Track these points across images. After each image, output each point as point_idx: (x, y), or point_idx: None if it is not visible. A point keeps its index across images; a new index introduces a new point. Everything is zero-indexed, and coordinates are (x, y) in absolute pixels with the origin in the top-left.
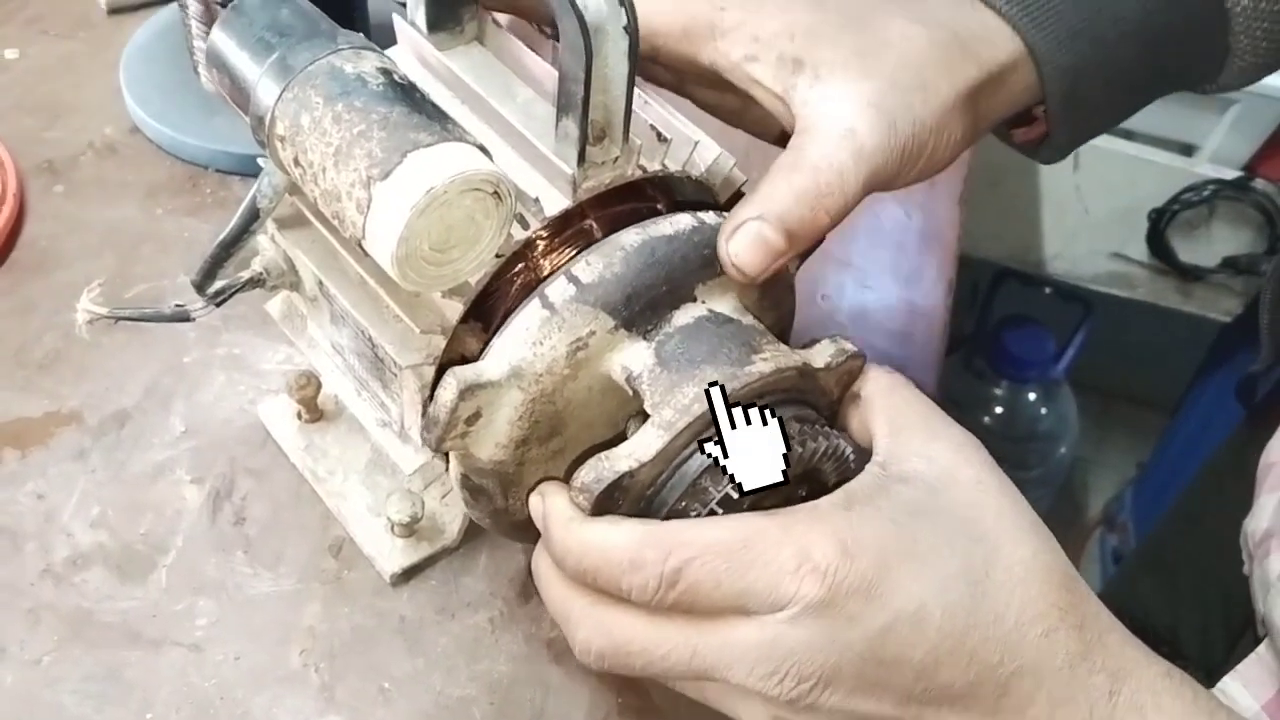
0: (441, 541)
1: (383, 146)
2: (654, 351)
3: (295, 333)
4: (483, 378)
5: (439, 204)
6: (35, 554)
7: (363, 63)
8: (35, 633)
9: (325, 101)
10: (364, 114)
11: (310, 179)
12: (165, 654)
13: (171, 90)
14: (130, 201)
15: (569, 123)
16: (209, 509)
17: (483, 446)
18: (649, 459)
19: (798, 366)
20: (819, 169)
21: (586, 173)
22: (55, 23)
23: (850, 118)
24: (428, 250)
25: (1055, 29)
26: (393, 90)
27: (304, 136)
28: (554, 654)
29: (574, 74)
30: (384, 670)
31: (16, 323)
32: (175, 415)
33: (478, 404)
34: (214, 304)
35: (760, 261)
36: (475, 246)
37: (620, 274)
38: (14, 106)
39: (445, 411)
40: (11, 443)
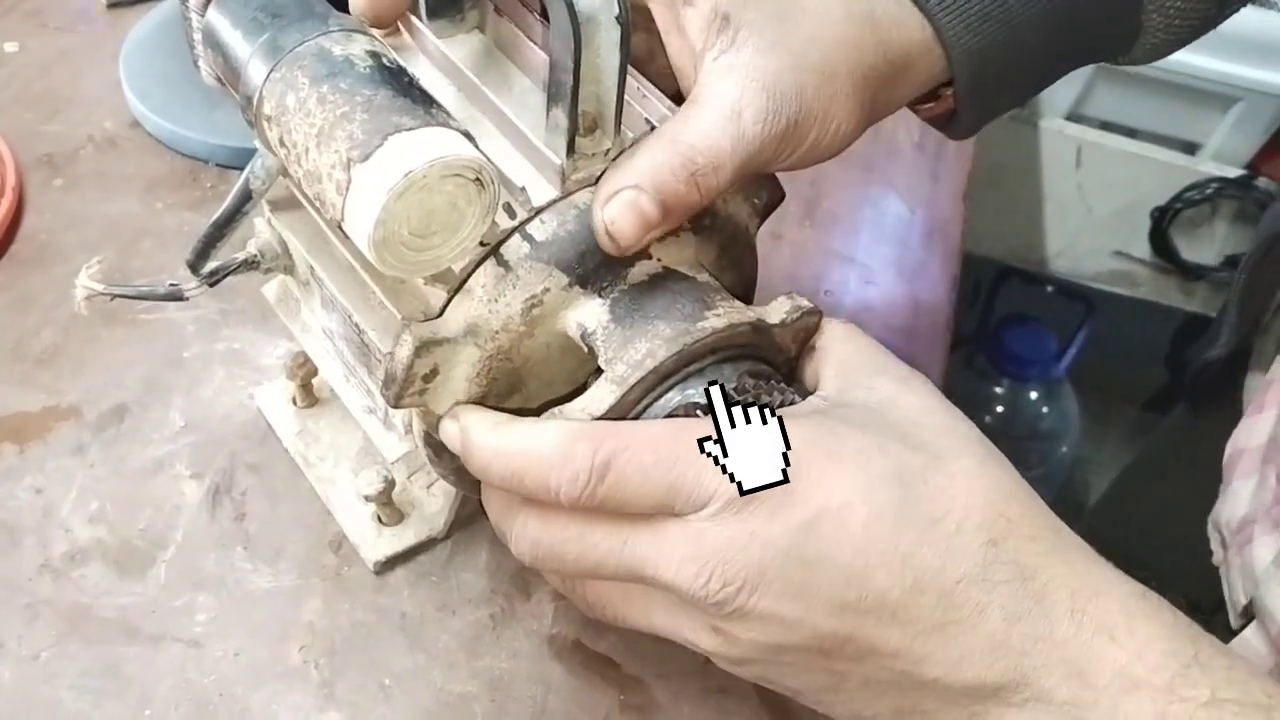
0: (427, 531)
1: (364, 129)
2: (608, 308)
3: (289, 316)
4: (439, 334)
5: (418, 188)
6: (33, 549)
7: (352, 45)
8: (33, 628)
9: (311, 82)
10: (348, 96)
11: (294, 160)
12: (164, 650)
13: (171, 84)
14: (130, 195)
15: (558, 112)
16: (208, 504)
17: (442, 404)
18: (601, 413)
19: (751, 322)
20: (697, 148)
21: (576, 164)
22: (55, 16)
23: (739, 100)
24: (407, 235)
25: (966, 12)
26: (380, 74)
27: (289, 117)
28: (555, 651)
29: (564, 63)
30: (384, 667)
31: (15, 317)
32: (174, 410)
33: (434, 361)
34: (208, 284)
35: (635, 232)
36: (457, 233)
37: (574, 231)
38: (14, 100)
39: (402, 368)
40: (10, 437)
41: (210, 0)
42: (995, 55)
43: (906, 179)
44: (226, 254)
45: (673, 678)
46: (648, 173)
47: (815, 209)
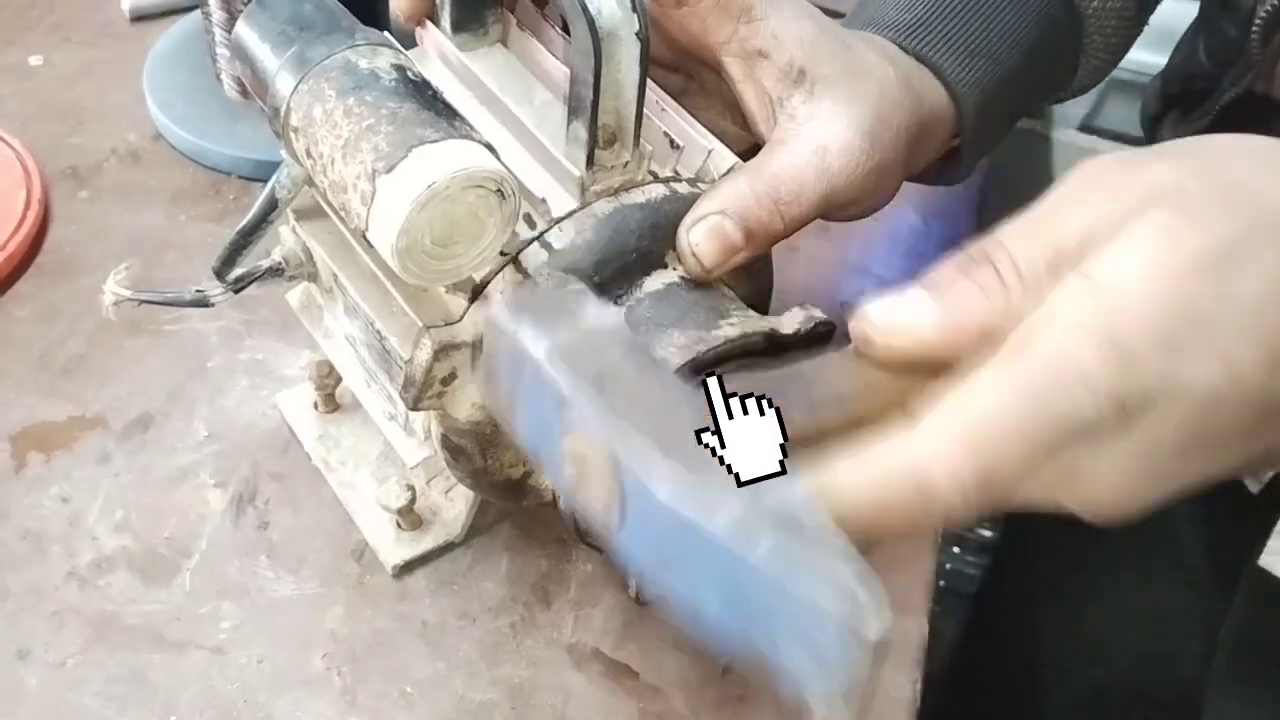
0: (445, 536)
1: (389, 141)
2: (624, 316)
3: (312, 323)
4: (457, 339)
5: (440, 199)
6: (60, 557)
7: (378, 59)
8: (60, 635)
9: (338, 95)
10: (374, 108)
11: (320, 170)
12: (189, 657)
13: (194, 97)
14: (154, 207)
15: (578, 125)
16: (232, 513)
17: (460, 407)
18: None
19: (765, 332)
20: (781, 178)
21: (595, 175)
22: (79, 30)
23: (825, 138)
24: (429, 244)
25: (956, 49)
26: (405, 86)
27: (316, 128)
28: (575, 659)
29: (584, 77)
30: (405, 674)
31: (41, 327)
32: (198, 419)
33: (453, 364)
34: (233, 290)
35: (718, 255)
36: (478, 243)
37: (591, 240)
38: (39, 113)
39: (421, 371)
40: (36, 446)
41: (237, 15)
42: (989, 89)
43: (921, 191)
44: (251, 263)
45: (692, 686)
46: (733, 200)
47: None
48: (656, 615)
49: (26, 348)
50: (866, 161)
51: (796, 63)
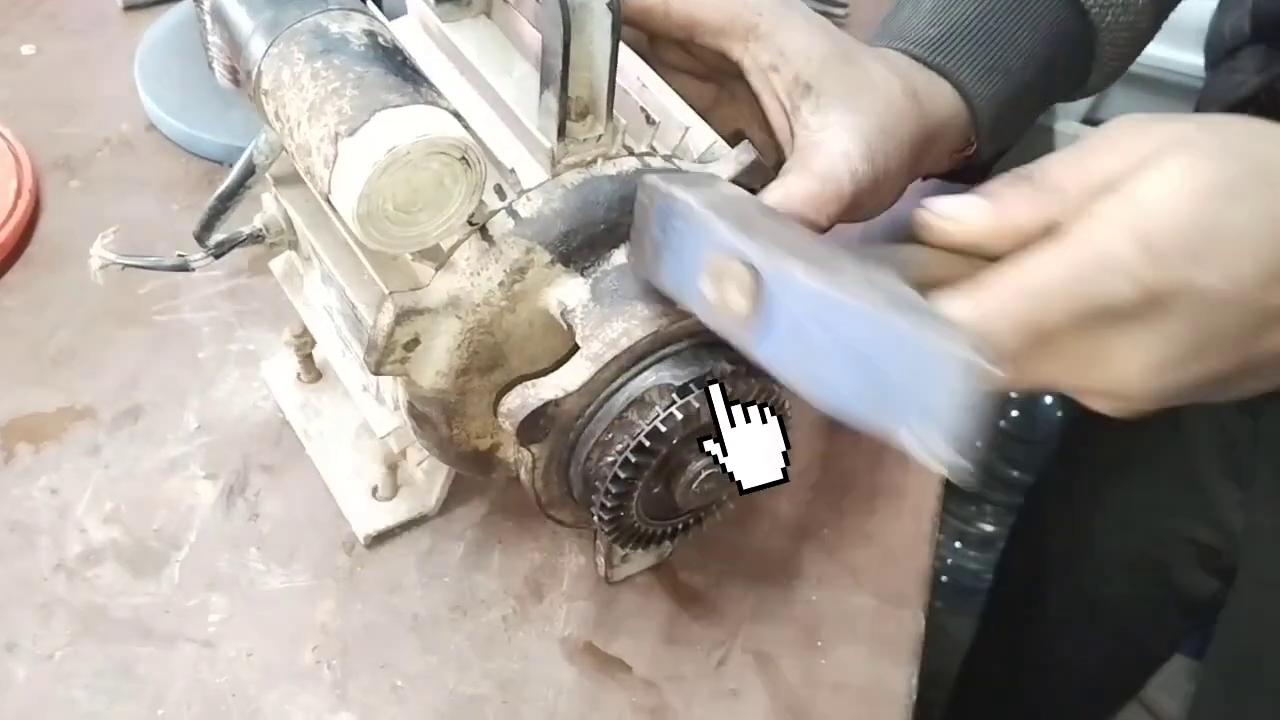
0: (419, 508)
1: (353, 104)
2: (589, 287)
3: (293, 291)
4: (420, 304)
5: (402, 164)
6: (49, 549)
7: (349, 23)
8: (48, 628)
9: (306, 58)
10: (341, 72)
11: (288, 133)
12: (177, 650)
13: (187, 86)
14: (146, 198)
15: (549, 96)
16: (222, 505)
17: (424, 374)
18: (574, 389)
19: None
20: (823, 178)
21: (567, 148)
22: (72, 19)
23: (843, 145)
24: (392, 210)
25: (975, 64)
26: (374, 51)
27: (284, 91)
28: (567, 653)
29: (554, 48)
30: (396, 668)
31: (31, 318)
32: (189, 411)
33: (415, 330)
34: (214, 255)
35: None
36: (443, 211)
37: (559, 210)
38: (31, 102)
39: (383, 335)
40: (26, 438)
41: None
42: (1004, 100)
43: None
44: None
45: (685, 680)
46: (783, 201)
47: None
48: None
49: (16, 338)
50: (873, 169)
51: (803, 78)
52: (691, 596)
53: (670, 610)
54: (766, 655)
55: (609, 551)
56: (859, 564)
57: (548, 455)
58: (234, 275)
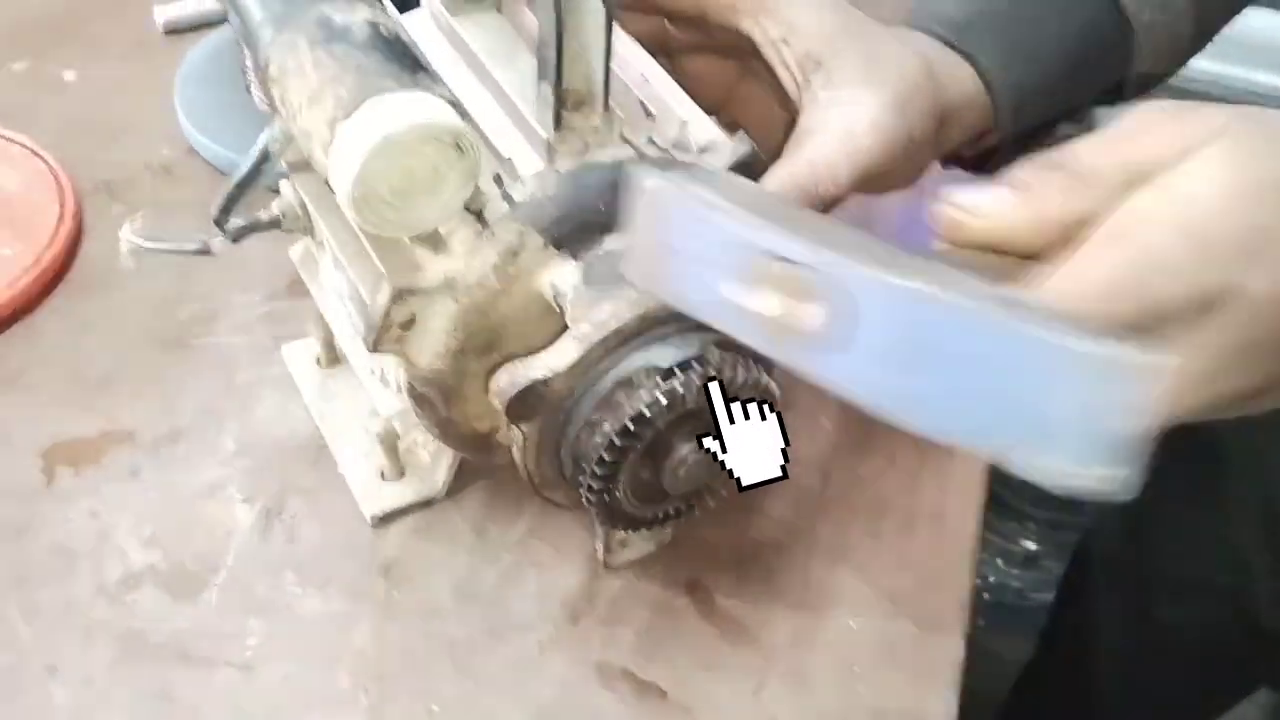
0: (427, 491)
1: (350, 91)
2: (581, 271)
3: (309, 277)
4: (416, 284)
5: (395, 149)
6: (89, 573)
7: (353, 14)
8: (88, 652)
9: (310, 47)
10: (341, 61)
11: (291, 119)
12: (216, 674)
13: (226, 111)
14: (187, 221)
15: (545, 87)
16: (259, 528)
17: (422, 355)
18: (563, 369)
19: None
20: (815, 164)
21: (564, 138)
22: (112, 44)
23: (852, 120)
24: (387, 194)
25: (998, 47)
26: (375, 41)
27: (288, 78)
28: (604, 679)
29: (548, 40)
30: (433, 692)
31: (73, 342)
32: (227, 434)
33: (411, 310)
34: (232, 239)
35: None
36: (438, 196)
37: (553, 195)
38: (72, 127)
39: (379, 314)
40: (67, 461)
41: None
42: (1027, 87)
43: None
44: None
45: (723, 706)
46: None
47: (870, 224)
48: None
49: (58, 362)
50: (893, 138)
51: (813, 53)
52: (728, 622)
53: (707, 636)
54: (805, 682)
55: (608, 536)
56: (897, 589)
57: (538, 435)
58: (271, 299)
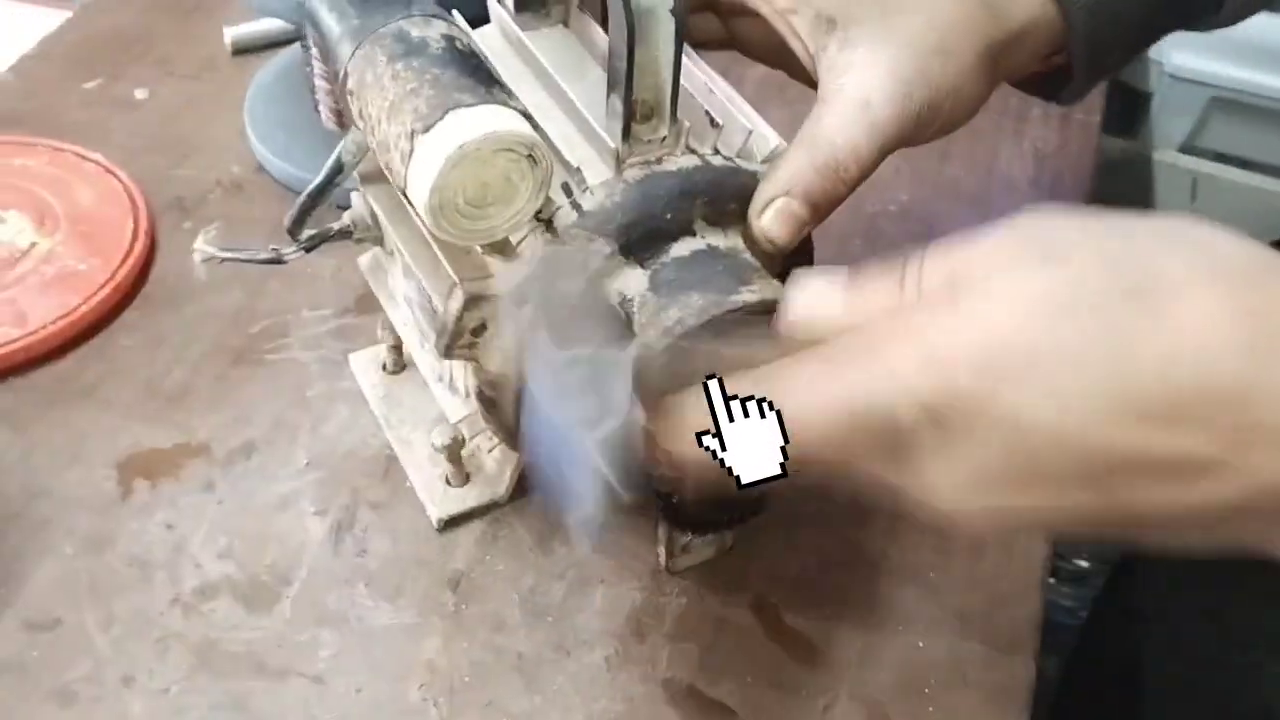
0: (490, 494)
1: (428, 103)
2: (649, 278)
3: (378, 286)
4: (487, 290)
5: (471, 160)
6: (165, 584)
7: (430, 29)
8: (164, 662)
9: (388, 60)
10: (419, 74)
11: (370, 131)
12: (289, 684)
13: (294, 129)
14: (256, 237)
15: (615, 99)
16: (331, 541)
17: (491, 359)
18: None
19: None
20: (836, 144)
21: (632, 148)
22: (182, 64)
23: (867, 88)
24: (463, 204)
25: None
26: (450, 54)
27: (368, 91)
28: (670, 696)
29: (620, 52)
30: (502, 707)
31: (148, 356)
32: (300, 448)
33: (483, 315)
34: (304, 249)
35: (790, 235)
36: (511, 205)
37: (620, 203)
38: (145, 146)
39: (452, 319)
40: (143, 473)
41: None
42: (1105, 12)
43: None
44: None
45: None
46: (795, 180)
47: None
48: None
49: (133, 376)
50: (917, 101)
51: (825, 13)
52: (797, 641)
53: (775, 654)
54: (874, 702)
55: (669, 541)
56: (967, 609)
57: None
58: (341, 315)
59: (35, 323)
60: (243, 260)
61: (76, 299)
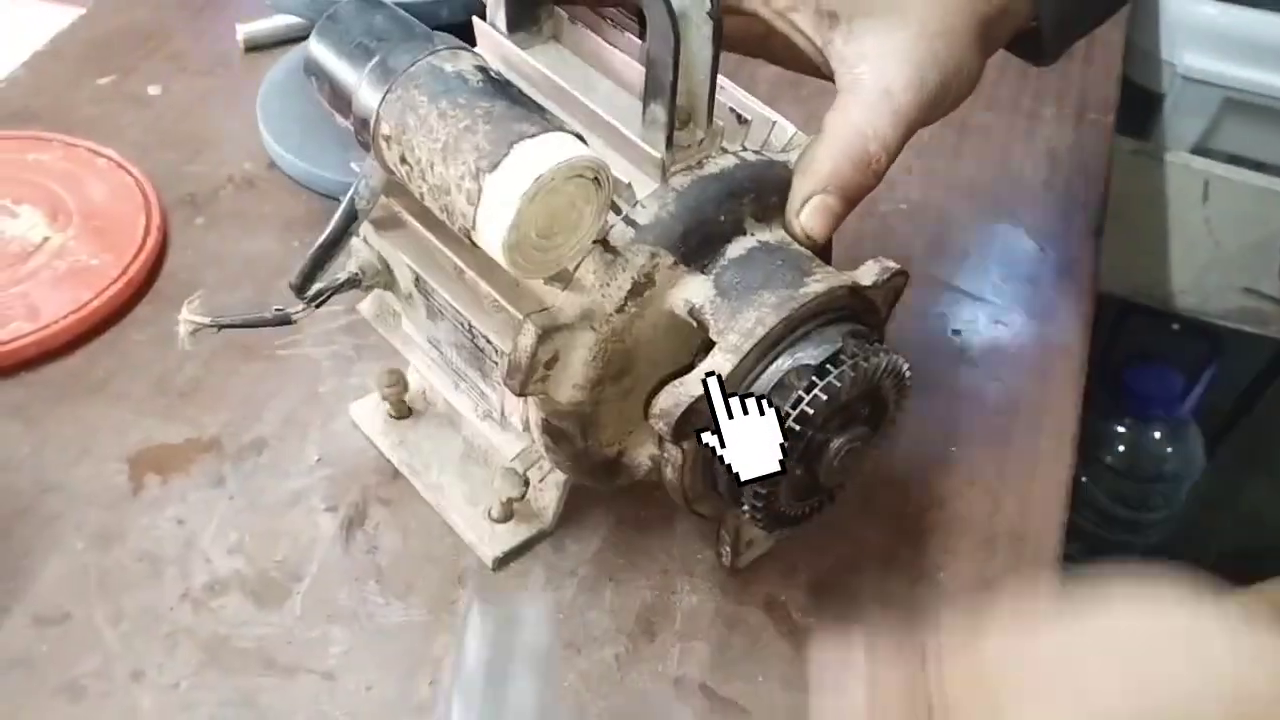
0: (538, 525)
1: (489, 139)
2: (713, 283)
3: (389, 330)
4: (558, 321)
5: (546, 191)
6: (175, 579)
7: (460, 62)
8: (173, 657)
9: (430, 100)
10: (468, 110)
11: (418, 175)
12: (299, 681)
13: (306, 125)
14: (268, 234)
15: (657, 108)
16: (342, 538)
17: (561, 389)
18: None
19: (848, 285)
20: (865, 135)
21: (674, 156)
22: (195, 60)
23: (884, 76)
24: (534, 237)
25: None
26: (491, 86)
27: (410, 135)
28: (681, 693)
29: (662, 60)
30: (512, 704)
31: (159, 351)
32: (310, 444)
33: (555, 347)
34: (313, 306)
35: (827, 228)
36: (576, 232)
37: (675, 213)
38: (157, 141)
39: (526, 356)
40: (154, 469)
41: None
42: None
43: (1035, 216)
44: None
45: None
46: (829, 176)
47: (942, 246)
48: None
49: (145, 371)
50: (931, 83)
51: (825, 7)
52: (806, 639)
53: (786, 653)
54: None
55: (735, 540)
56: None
57: (694, 451)
58: (352, 311)
59: (47, 317)
60: (240, 326)
61: (88, 294)
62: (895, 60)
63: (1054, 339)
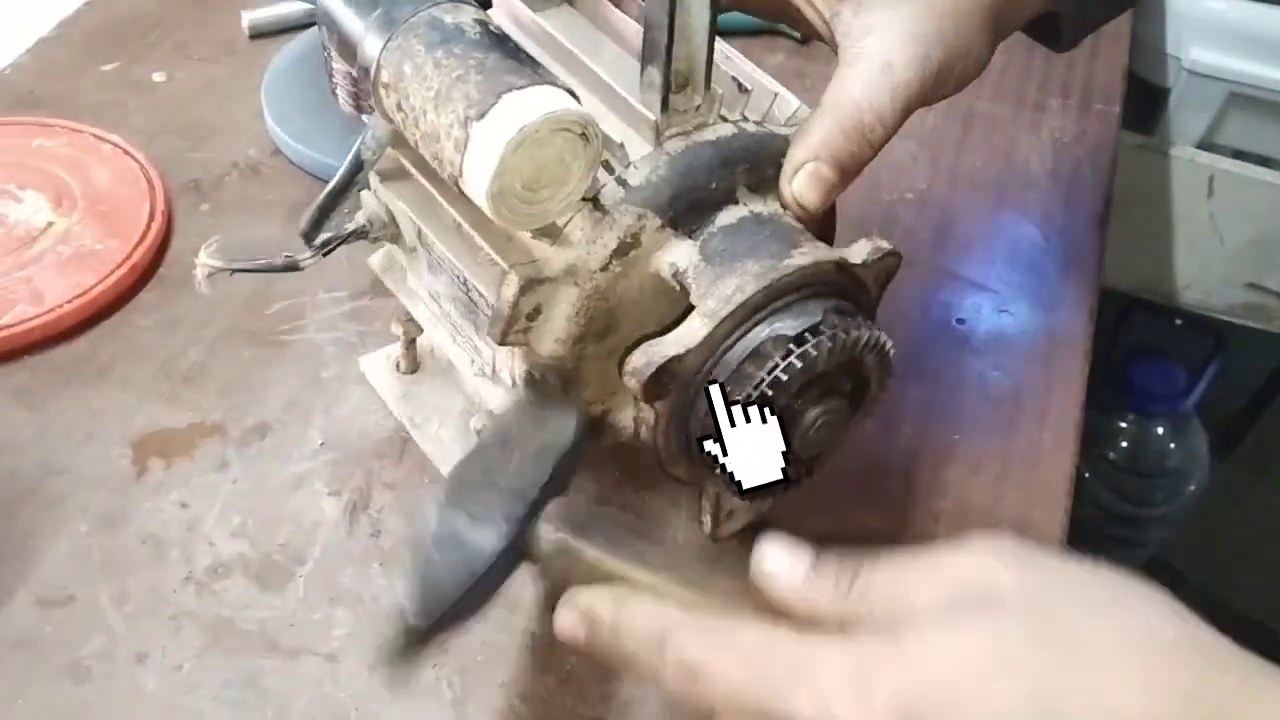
0: None
1: (479, 89)
2: (699, 249)
3: (395, 284)
4: (542, 273)
5: (531, 142)
6: (178, 562)
7: (461, 15)
8: (177, 639)
9: (426, 49)
10: (462, 60)
11: (412, 123)
12: (302, 663)
13: (311, 112)
14: (272, 220)
15: (653, 71)
16: (346, 521)
17: (543, 342)
18: (694, 345)
19: (835, 260)
20: (861, 107)
21: (670, 119)
22: (200, 47)
23: (887, 51)
24: (520, 189)
25: None
26: (488, 39)
27: (406, 83)
28: None
29: (658, 22)
30: (515, 687)
31: (163, 336)
32: (314, 428)
33: (538, 299)
34: (321, 254)
35: (821, 198)
36: (564, 187)
37: (665, 176)
38: (162, 128)
39: (508, 306)
40: (157, 452)
41: None
42: None
43: (1041, 206)
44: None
45: None
46: (822, 144)
47: (947, 235)
48: None
49: (149, 356)
50: (934, 62)
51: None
52: None
53: None
54: None
55: (715, 509)
56: None
57: (668, 412)
58: (356, 297)
59: (51, 302)
60: (253, 270)
61: (93, 279)
62: (900, 36)
63: (1058, 329)
